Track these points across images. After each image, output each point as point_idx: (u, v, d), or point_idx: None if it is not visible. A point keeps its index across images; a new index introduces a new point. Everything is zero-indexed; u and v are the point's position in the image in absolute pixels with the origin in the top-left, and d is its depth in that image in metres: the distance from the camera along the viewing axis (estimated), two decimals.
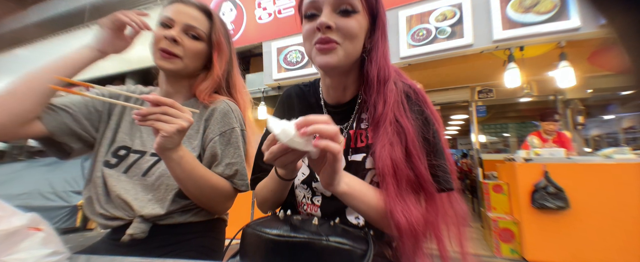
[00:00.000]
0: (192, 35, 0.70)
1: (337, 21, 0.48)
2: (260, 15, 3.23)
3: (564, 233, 2.05)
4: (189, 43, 0.69)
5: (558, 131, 2.86)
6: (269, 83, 3.19)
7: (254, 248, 0.40)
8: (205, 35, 0.72)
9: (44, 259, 0.38)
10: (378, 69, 0.53)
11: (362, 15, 0.50)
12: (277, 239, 0.37)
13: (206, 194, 0.64)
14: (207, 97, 0.72)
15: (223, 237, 0.77)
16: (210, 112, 0.71)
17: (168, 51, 0.67)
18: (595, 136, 5.49)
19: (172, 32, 0.67)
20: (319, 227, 0.40)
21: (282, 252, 0.37)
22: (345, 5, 0.49)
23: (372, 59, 0.53)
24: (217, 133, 0.69)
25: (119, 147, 0.70)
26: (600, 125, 5.46)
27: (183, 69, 0.70)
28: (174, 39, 0.67)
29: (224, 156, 0.68)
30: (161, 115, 0.50)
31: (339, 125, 0.59)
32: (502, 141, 7.04)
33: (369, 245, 0.39)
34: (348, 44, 0.49)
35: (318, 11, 0.50)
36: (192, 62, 0.71)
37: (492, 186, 2.62)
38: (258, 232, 0.40)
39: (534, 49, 2.43)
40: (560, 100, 3.92)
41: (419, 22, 2.44)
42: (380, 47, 0.54)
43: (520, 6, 2.10)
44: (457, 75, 3.90)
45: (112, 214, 0.63)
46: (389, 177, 0.47)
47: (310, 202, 0.59)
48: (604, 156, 2.16)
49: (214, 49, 0.74)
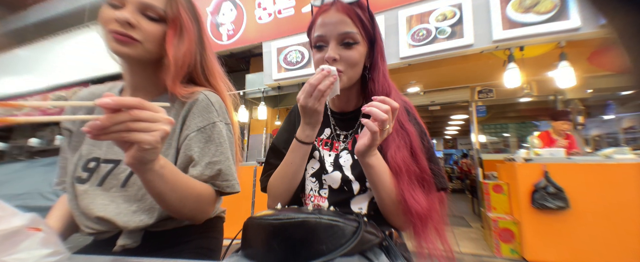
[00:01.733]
0: (149, 16, 0.58)
1: (341, 53, 0.58)
2: (260, 15, 3.23)
3: (564, 233, 2.05)
4: (147, 26, 0.57)
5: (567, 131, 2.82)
6: (269, 83, 3.19)
7: (254, 236, 0.44)
8: (166, 14, 0.59)
9: (44, 259, 0.38)
10: (380, 87, 0.63)
11: (361, 44, 0.60)
12: (275, 222, 0.40)
13: (188, 205, 0.54)
14: (182, 90, 0.62)
15: (221, 236, 0.75)
16: (188, 107, 0.62)
17: (123, 33, 0.55)
18: (595, 135, 5.48)
19: (125, 13, 0.55)
20: (315, 210, 0.45)
21: (280, 234, 0.40)
22: (348, 39, 0.58)
23: (374, 78, 0.64)
24: (194, 129, 0.60)
25: (88, 160, 0.62)
26: (600, 125, 5.46)
27: (146, 55, 0.59)
28: (128, 22, 0.55)
29: (203, 155, 0.58)
30: (132, 123, 0.38)
31: (345, 131, 0.69)
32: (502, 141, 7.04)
33: (359, 224, 0.43)
34: (350, 71, 0.60)
35: (325, 44, 0.60)
36: (156, 48, 0.59)
37: (492, 186, 2.62)
38: (257, 220, 0.43)
39: (534, 49, 2.43)
40: (560, 101, 3.92)
41: (419, 22, 2.44)
42: (381, 68, 0.64)
43: (520, 6, 2.10)
44: (457, 75, 3.90)
45: (97, 230, 0.59)
46: (401, 174, 0.55)
47: (317, 194, 0.66)
48: (604, 156, 2.16)
49: (168, 26, 0.60)
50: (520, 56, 2.36)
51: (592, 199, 2.01)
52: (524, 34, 2.08)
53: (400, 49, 2.48)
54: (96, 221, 0.59)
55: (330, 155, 0.68)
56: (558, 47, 2.25)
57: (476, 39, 2.23)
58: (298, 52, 2.97)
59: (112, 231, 0.59)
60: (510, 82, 2.34)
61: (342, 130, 0.70)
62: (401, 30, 2.50)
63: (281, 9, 3.09)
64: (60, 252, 0.41)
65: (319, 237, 0.39)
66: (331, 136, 0.70)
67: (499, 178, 2.84)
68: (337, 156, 0.66)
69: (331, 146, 0.69)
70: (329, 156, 0.68)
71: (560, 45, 2.20)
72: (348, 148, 0.66)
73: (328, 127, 0.72)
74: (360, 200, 0.64)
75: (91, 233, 0.60)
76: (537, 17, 2.05)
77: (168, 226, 0.62)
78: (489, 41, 2.20)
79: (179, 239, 0.64)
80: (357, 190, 0.63)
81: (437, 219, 0.56)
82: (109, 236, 0.60)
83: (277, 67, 3.08)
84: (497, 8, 2.16)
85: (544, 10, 2.03)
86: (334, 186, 0.64)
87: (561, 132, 2.81)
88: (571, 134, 2.87)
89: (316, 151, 0.68)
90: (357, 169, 0.62)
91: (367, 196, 0.64)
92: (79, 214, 0.61)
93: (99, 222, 0.59)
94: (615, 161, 2.05)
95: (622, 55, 0.16)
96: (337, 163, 0.65)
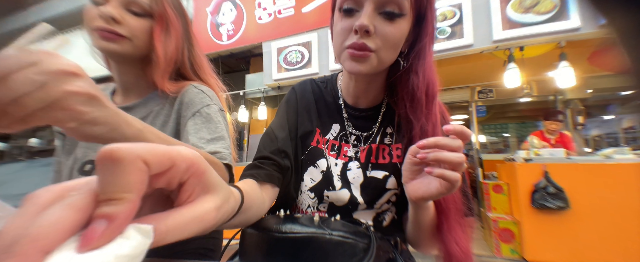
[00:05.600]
0: (134, 11, 0.57)
1: (378, 25, 0.41)
2: (260, 16, 3.23)
3: (564, 233, 2.05)
4: (133, 22, 0.56)
5: (560, 131, 2.85)
6: (269, 83, 3.19)
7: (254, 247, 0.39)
8: (151, 9, 0.59)
9: None
10: (427, 84, 0.46)
11: (407, 19, 0.43)
12: (278, 236, 0.36)
13: None
14: (171, 86, 0.60)
15: (221, 236, 0.75)
16: (180, 100, 0.60)
17: (109, 30, 0.54)
18: (595, 136, 5.48)
19: (109, 8, 0.54)
20: (321, 223, 0.39)
21: (284, 249, 0.36)
22: (392, 7, 0.41)
23: (419, 70, 0.46)
24: (189, 116, 0.58)
25: (84, 162, 0.60)
26: (600, 125, 5.46)
27: (133, 52, 0.58)
28: (112, 17, 0.54)
29: (201, 135, 0.56)
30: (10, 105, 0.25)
31: (358, 131, 0.55)
32: (502, 141, 7.03)
33: (371, 240, 0.38)
34: (385, 52, 0.43)
35: (358, 7, 0.42)
36: (143, 43, 0.59)
37: (492, 186, 2.62)
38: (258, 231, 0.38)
39: (534, 49, 2.43)
40: (560, 101, 3.92)
41: None
42: (428, 57, 0.46)
43: (520, 6, 2.10)
44: (457, 75, 3.90)
45: None
46: (448, 214, 0.45)
47: (315, 210, 0.55)
48: (604, 156, 2.15)
49: (155, 22, 0.59)
50: (520, 56, 2.36)
51: (592, 199, 2.00)
52: (524, 34, 2.08)
53: None
54: None
55: (338, 164, 0.53)
56: (558, 47, 2.25)
57: (476, 39, 2.23)
58: (298, 52, 2.97)
59: None
60: (510, 82, 2.34)
61: (355, 129, 0.55)
62: None
63: (281, 9, 3.09)
64: None
65: (329, 256, 0.35)
66: (340, 135, 0.56)
67: (499, 178, 2.84)
68: (345, 166, 0.53)
69: (339, 150, 0.55)
70: (336, 165, 0.53)
71: (560, 45, 2.20)
72: (360, 159, 0.53)
73: (338, 122, 0.56)
74: (364, 215, 0.53)
75: None
76: (537, 17, 2.05)
77: None
78: (489, 41, 2.20)
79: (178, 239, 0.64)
80: (363, 208, 0.53)
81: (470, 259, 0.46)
82: None
83: (277, 67, 3.08)
84: (497, 8, 2.16)
85: (544, 11, 2.03)
86: (337, 203, 0.53)
87: (552, 131, 2.83)
88: (566, 133, 2.87)
89: (322, 158, 0.54)
90: (369, 192, 0.51)
91: (373, 211, 0.54)
92: None
93: None
94: (615, 161, 2.05)
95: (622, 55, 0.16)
96: (345, 177, 0.53)
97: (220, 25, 3.46)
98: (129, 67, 0.62)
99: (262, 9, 3.21)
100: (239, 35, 3.34)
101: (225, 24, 3.44)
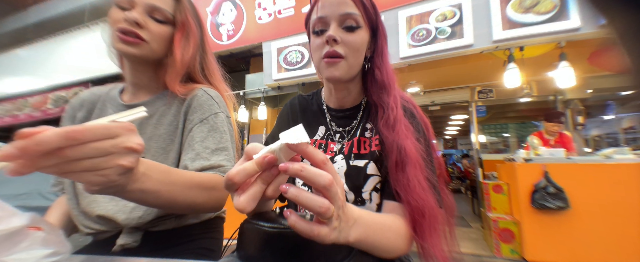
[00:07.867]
0: (157, 18, 0.61)
1: (342, 36, 0.54)
2: (260, 16, 3.23)
3: (564, 233, 2.05)
4: (155, 27, 0.60)
5: (560, 131, 2.85)
6: (269, 83, 3.19)
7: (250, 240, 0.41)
8: (172, 17, 0.63)
9: (44, 259, 0.38)
10: (386, 74, 0.59)
11: (364, 30, 0.56)
12: (270, 230, 0.38)
13: (200, 200, 0.50)
14: (181, 88, 0.64)
15: (221, 236, 0.75)
16: (188, 102, 0.63)
17: (131, 31, 0.57)
18: (595, 136, 5.48)
19: (134, 14, 0.57)
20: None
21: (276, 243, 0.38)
22: (350, 22, 0.54)
23: (379, 66, 0.59)
24: (196, 122, 0.60)
25: None
26: (600, 125, 5.46)
27: (150, 55, 0.62)
28: (136, 22, 0.57)
29: (206, 144, 0.59)
30: (65, 164, 0.27)
31: (341, 128, 0.63)
32: (502, 141, 7.04)
33: None
34: (352, 57, 0.55)
35: (326, 27, 0.55)
36: (160, 48, 0.63)
37: (492, 186, 2.62)
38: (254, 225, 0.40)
39: (533, 49, 2.43)
40: (560, 101, 3.92)
41: (419, 22, 2.44)
42: (385, 56, 0.60)
43: (520, 6, 2.10)
44: (457, 75, 3.90)
45: (96, 230, 0.59)
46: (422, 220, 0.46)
47: None
48: (604, 156, 2.16)
49: (177, 30, 0.64)
50: (520, 56, 2.36)
51: (592, 199, 2.01)
52: (524, 34, 2.08)
53: (400, 49, 2.48)
54: (96, 220, 0.59)
55: None
56: (558, 47, 2.25)
57: (476, 39, 2.23)
58: (298, 52, 2.97)
59: (111, 230, 0.59)
60: (510, 82, 2.34)
61: (338, 127, 0.64)
62: (401, 31, 2.50)
63: (281, 9, 3.09)
64: (61, 252, 0.41)
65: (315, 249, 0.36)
66: (326, 134, 0.64)
67: (499, 178, 2.84)
68: (332, 160, 0.59)
69: (326, 147, 0.63)
70: None
71: (560, 45, 2.20)
72: (344, 152, 0.60)
73: (323, 125, 0.65)
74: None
75: (90, 233, 0.60)
76: (537, 17, 2.05)
77: (168, 225, 0.62)
78: (489, 41, 2.20)
79: (179, 239, 0.64)
80: (352, 201, 0.56)
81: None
82: (108, 235, 0.60)
83: (277, 67, 3.08)
84: (497, 8, 2.16)
85: (544, 11, 2.03)
86: None
87: (552, 133, 2.83)
88: (566, 133, 2.88)
89: None
90: (352, 179, 0.56)
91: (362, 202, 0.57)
92: (79, 214, 0.61)
93: (99, 222, 0.59)
94: (615, 161, 2.05)
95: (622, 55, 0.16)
96: None
97: (220, 25, 3.46)
98: (142, 69, 0.65)
99: (262, 9, 3.21)
100: (239, 35, 3.35)
101: (225, 24, 3.44)
